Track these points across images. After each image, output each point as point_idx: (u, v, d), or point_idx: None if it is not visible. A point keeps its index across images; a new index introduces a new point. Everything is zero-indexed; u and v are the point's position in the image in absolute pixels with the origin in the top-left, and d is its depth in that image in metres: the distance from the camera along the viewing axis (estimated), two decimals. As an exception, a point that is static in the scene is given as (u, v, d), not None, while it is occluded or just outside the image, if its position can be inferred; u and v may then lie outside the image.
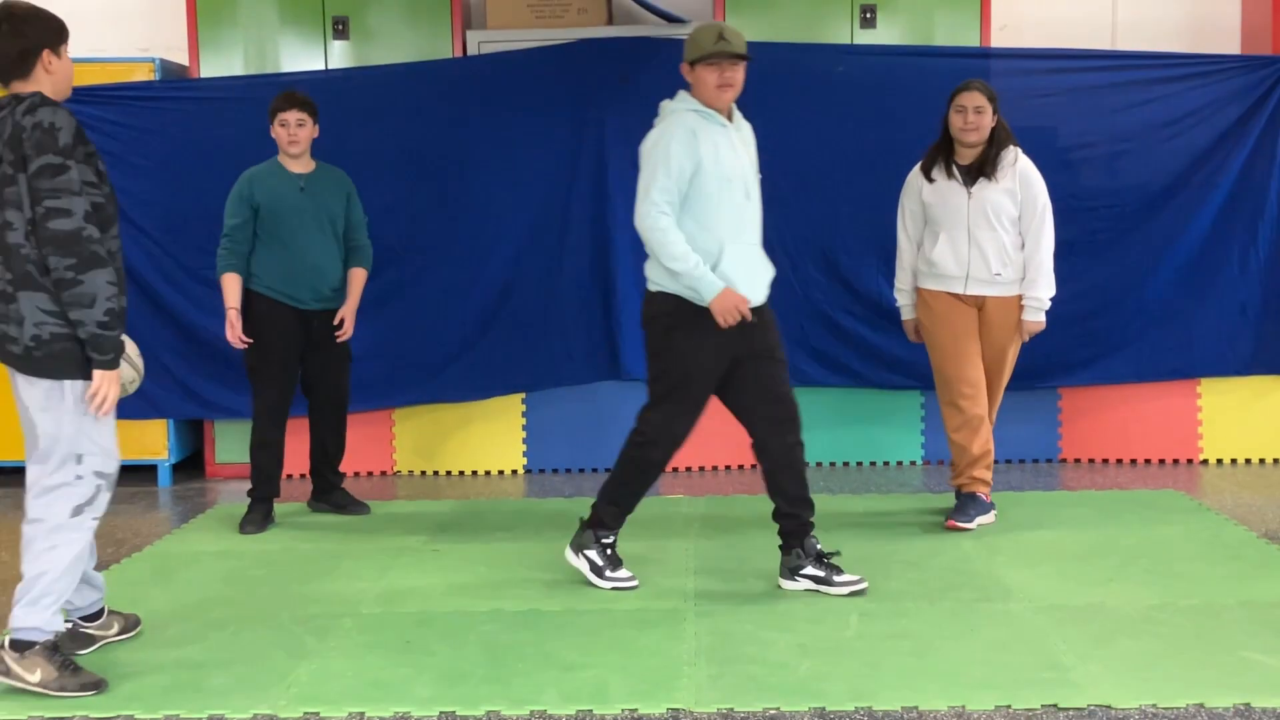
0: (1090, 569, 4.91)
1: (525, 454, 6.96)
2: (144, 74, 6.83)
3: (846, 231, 6.70)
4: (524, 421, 6.93)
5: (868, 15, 6.92)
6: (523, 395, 6.90)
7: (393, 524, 5.83)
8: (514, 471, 6.96)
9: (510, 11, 7.02)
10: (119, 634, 4.28)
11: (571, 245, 6.71)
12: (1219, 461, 6.86)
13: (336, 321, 5.79)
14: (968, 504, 5.55)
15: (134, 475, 6.95)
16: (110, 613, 4.29)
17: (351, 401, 6.30)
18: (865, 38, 6.93)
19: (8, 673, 3.84)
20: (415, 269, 6.71)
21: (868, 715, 3.58)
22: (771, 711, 3.62)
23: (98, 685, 3.87)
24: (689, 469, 6.92)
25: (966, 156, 5.45)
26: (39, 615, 3.83)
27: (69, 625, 4.13)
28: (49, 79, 3.86)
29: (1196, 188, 6.60)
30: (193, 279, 6.72)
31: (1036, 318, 5.45)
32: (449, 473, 6.96)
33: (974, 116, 5.37)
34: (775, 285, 6.68)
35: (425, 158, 6.69)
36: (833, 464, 6.98)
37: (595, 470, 6.94)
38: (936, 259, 5.48)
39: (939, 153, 5.52)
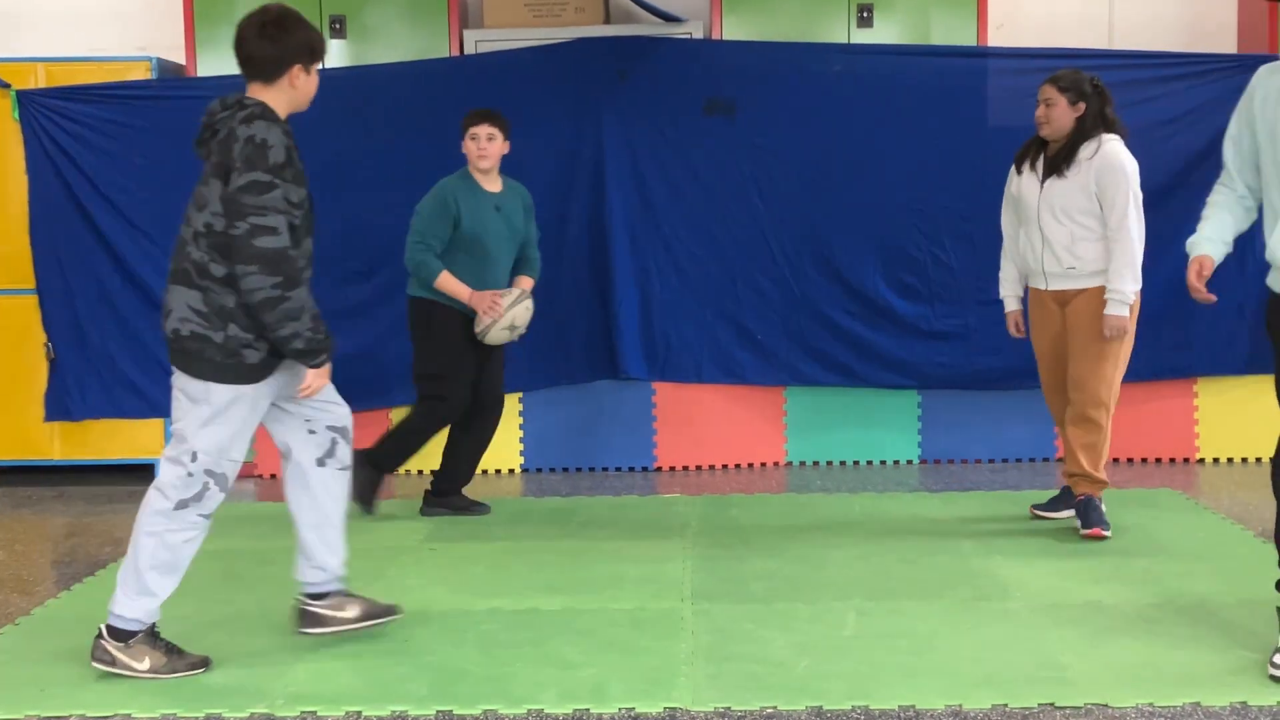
0: (1087, 568, 4.91)
1: (522, 453, 6.96)
2: (141, 73, 6.83)
3: (844, 230, 6.70)
4: (521, 420, 6.93)
5: (864, 14, 6.92)
6: (520, 394, 6.90)
7: (390, 523, 5.83)
8: (511, 470, 6.96)
9: (508, 10, 7.02)
10: (357, 620, 4.19)
11: (569, 243, 6.71)
12: (1215, 461, 6.87)
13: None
14: (1059, 496, 5.65)
15: (131, 474, 6.95)
16: (348, 595, 4.24)
17: (348, 401, 6.27)
18: (862, 37, 6.93)
19: (113, 662, 3.88)
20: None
21: (865, 714, 3.58)
22: (769, 710, 3.62)
23: (205, 663, 3.97)
24: (685, 468, 6.93)
25: (1054, 150, 5.33)
26: (139, 605, 3.88)
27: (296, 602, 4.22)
28: (290, 92, 3.93)
29: (1194, 187, 6.56)
30: (190, 278, 6.71)
31: (1115, 310, 5.18)
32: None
33: (1043, 110, 5.29)
34: (773, 285, 6.77)
35: (422, 156, 6.68)
36: (829, 463, 6.99)
37: (592, 469, 6.94)
38: (1021, 252, 5.46)
39: (1031, 144, 5.44)
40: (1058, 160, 5.28)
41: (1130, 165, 5.23)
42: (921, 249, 6.70)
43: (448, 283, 5.62)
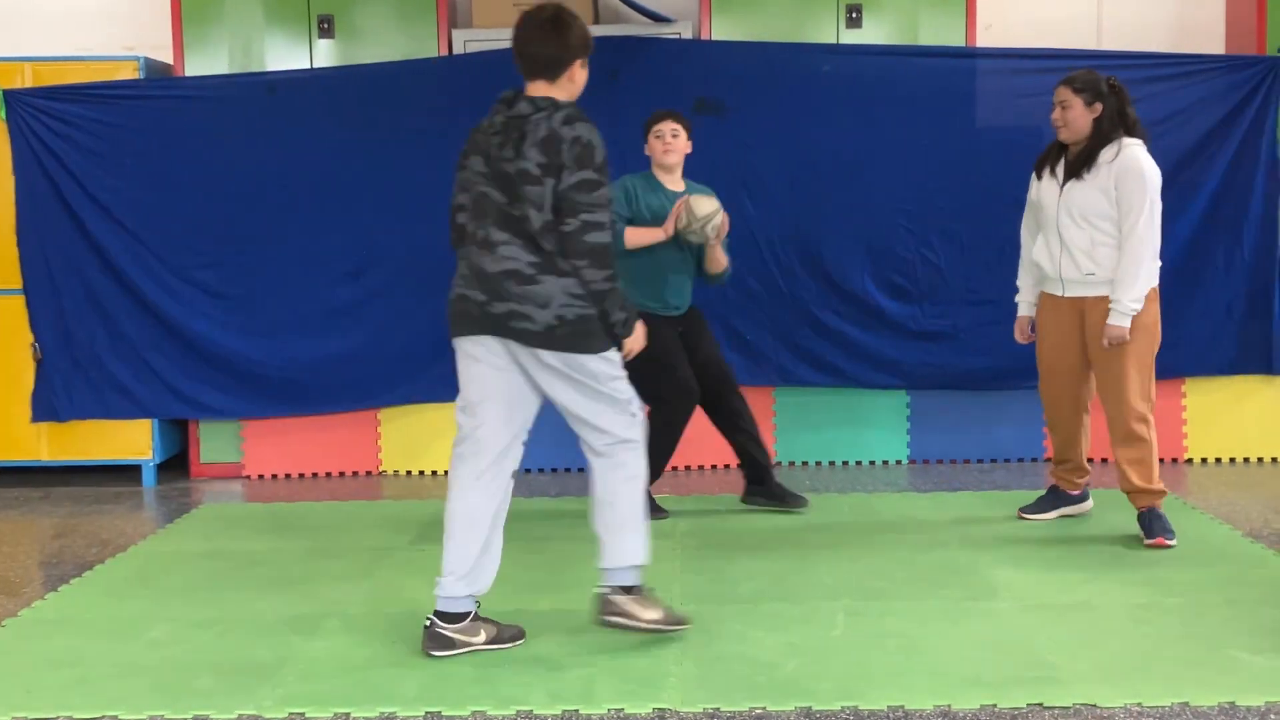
0: (1076, 568, 4.91)
1: (511, 453, 6.94)
2: (128, 72, 6.81)
3: (833, 231, 6.70)
4: (510, 421, 6.90)
5: (853, 15, 6.92)
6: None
7: (378, 524, 5.82)
8: (500, 471, 6.93)
9: (497, 10, 7.01)
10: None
11: (558, 244, 6.69)
12: (1204, 461, 6.88)
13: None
14: (1046, 495, 5.67)
15: (118, 475, 6.94)
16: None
17: (337, 402, 6.30)
18: (851, 37, 6.94)
19: (626, 614, 4.09)
20: (400, 268, 6.69)
21: (854, 714, 3.58)
22: (758, 711, 3.61)
23: (685, 620, 4.19)
24: (675, 469, 6.92)
25: (1072, 152, 5.22)
26: (641, 549, 4.12)
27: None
28: (569, 87, 4.12)
29: (1181, 188, 6.61)
30: (178, 277, 6.71)
31: (1116, 320, 5.09)
32: (435, 472, 6.95)
33: (1059, 113, 5.19)
34: (762, 285, 6.76)
35: (410, 156, 6.67)
36: (818, 463, 6.99)
37: (582, 470, 6.92)
38: (1036, 259, 5.35)
39: (1052, 149, 5.33)
40: (1078, 163, 5.17)
41: (1151, 172, 5.09)
42: (910, 249, 6.71)
43: (635, 236, 5.53)
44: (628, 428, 4.15)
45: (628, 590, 4.13)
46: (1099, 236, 5.14)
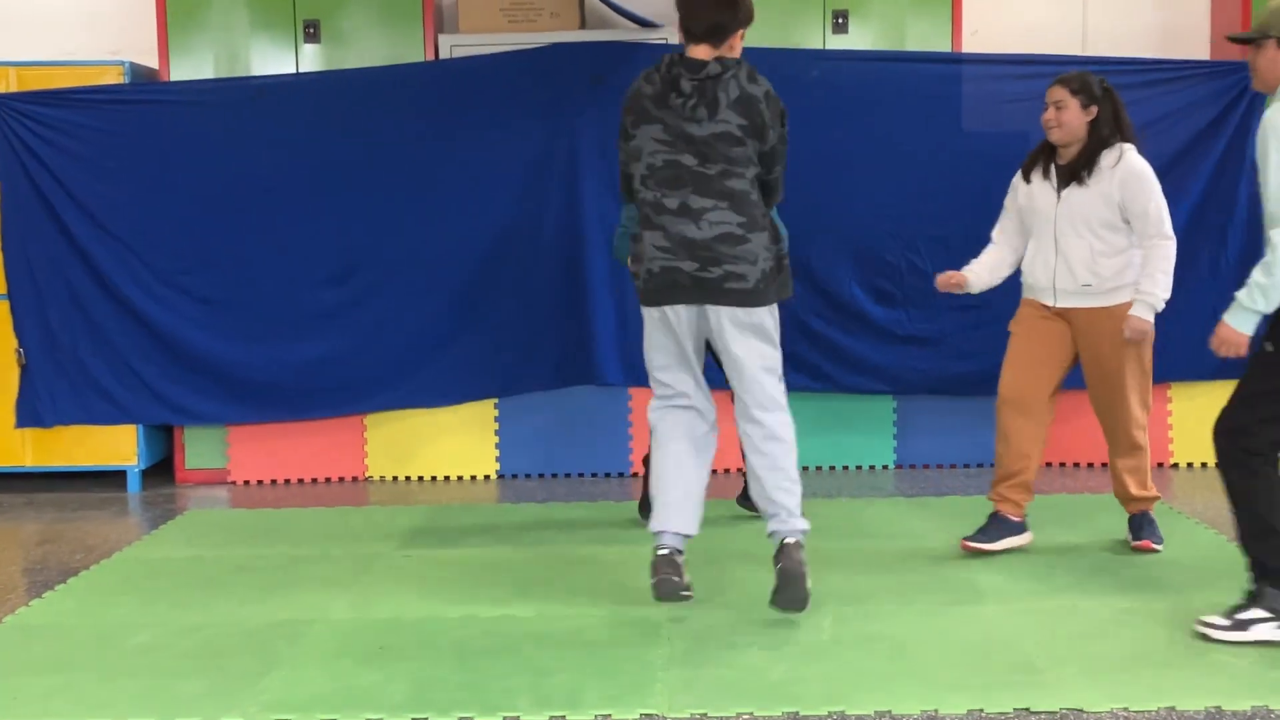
0: (1062, 572, 4.92)
1: (498, 459, 6.94)
2: (114, 77, 6.79)
3: (820, 236, 6.69)
4: (497, 426, 6.91)
5: (840, 20, 6.93)
6: (495, 400, 6.88)
7: (364, 530, 5.81)
8: (486, 477, 6.94)
9: (482, 15, 7.01)
10: None
11: (544, 249, 6.70)
12: (1189, 465, 6.89)
13: None
14: (990, 524, 5.20)
15: (103, 481, 6.91)
16: None
17: (323, 407, 6.28)
18: (837, 43, 6.94)
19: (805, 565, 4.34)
20: (386, 273, 6.68)
21: (841, 719, 3.58)
22: (745, 716, 3.61)
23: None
24: (662, 474, 6.91)
25: (1065, 156, 5.06)
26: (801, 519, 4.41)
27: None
28: (728, 53, 4.39)
29: (1167, 193, 6.58)
30: (163, 282, 6.68)
31: (1142, 312, 4.97)
32: (421, 478, 6.94)
33: (1053, 113, 5.02)
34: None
35: (396, 161, 6.67)
36: (805, 468, 6.98)
37: (568, 475, 6.93)
38: (1026, 267, 5.19)
39: (1040, 152, 5.16)
40: (1076, 168, 5.03)
41: (1152, 174, 5.05)
42: (897, 254, 6.71)
43: None
44: (782, 392, 4.45)
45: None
46: (1099, 246, 5.02)
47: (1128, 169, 5.01)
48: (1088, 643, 4.13)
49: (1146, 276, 5.00)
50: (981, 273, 5.31)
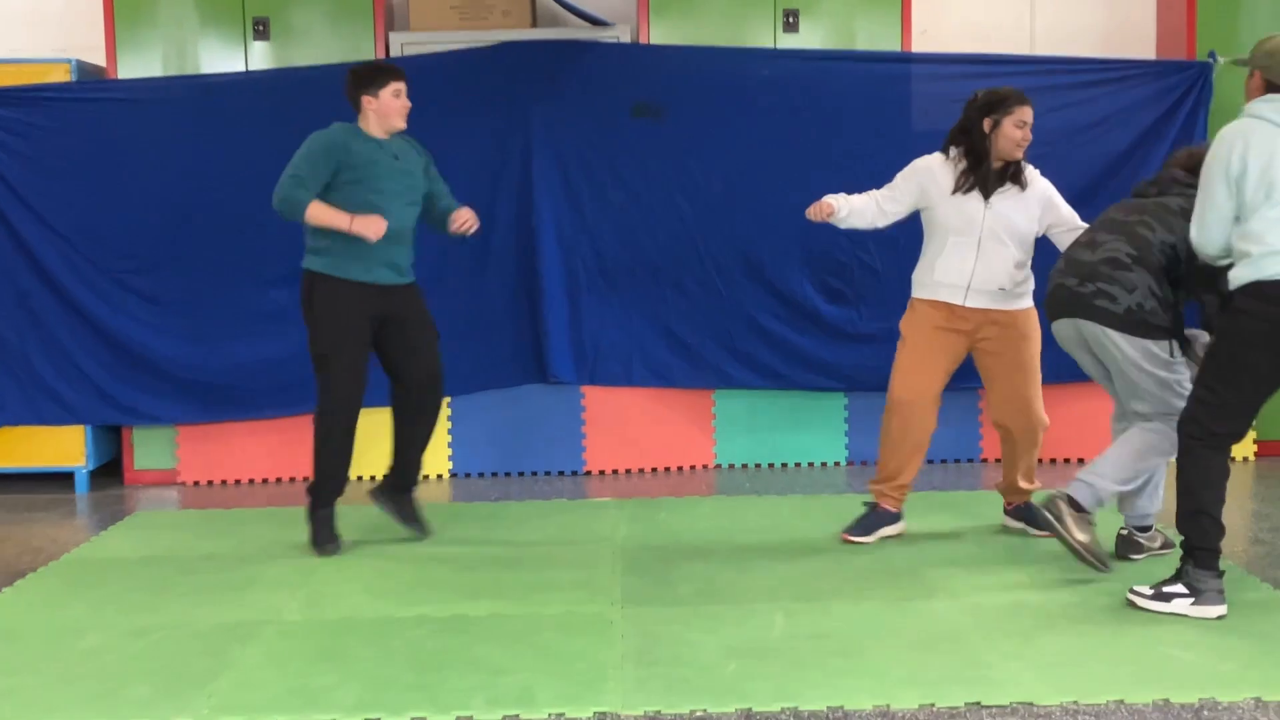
0: (1011, 567, 4.96)
1: (451, 458, 6.92)
2: (61, 75, 6.72)
3: (771, 235, 6.73)
4: (449, 425, 6.89)
5: (790, 20, 6.96)
6: (448, 399, 6.86)
7: (316, 530, 5.78)
8: (439, 476, 6.92)
9: (434, 13, 6.99)
10: (1160, 548, 5.08)
11: (496, 247, 6.69)
12: (1137, 461, 6.95)
13: None
14: (869, 517, 5.41)
15: (51, 482, 6.85)
16: (1155, 530, 5.11)
17: (272, 406, 6.23)
18: (788, 42, 6.97)
19: (1062, 522, 4.69)
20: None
21: (794, 715, 3.60)
22: (699, 713, 3.62)
23: (1105, 564, 4.77)
24: (615, 472, 6.92)
25: (995, 166, 5.22)
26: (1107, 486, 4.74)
27: (1124, 531, 5.11)
28: None
29: (1112, 192, 6.67)
30: (111, 282, 6.63)
31: None
32: (373, 477, 6.89)
33: (1029, 133, 5.20)
34: (702, 289, 6.78)
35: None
36: (758, 465, 7.01)
37: (521, 474, 6.92)
38: (937, 266, 5.26)
39: (968, 159, 5.22)
40: (1004, 179, 5.21)
41: None
42: (847, 253, 6.74)
43: (321, 213, 5.24)
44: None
45: (1076, 507, 4.69)
46: (1019, 255, 5.24)
47: (1044, 183, 5.34)
48: (1037, 637, 4.17)
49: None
50: (851, 211, 5.31)
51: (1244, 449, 6.99)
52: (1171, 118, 6.69)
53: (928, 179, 5.28)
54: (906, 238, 6.51)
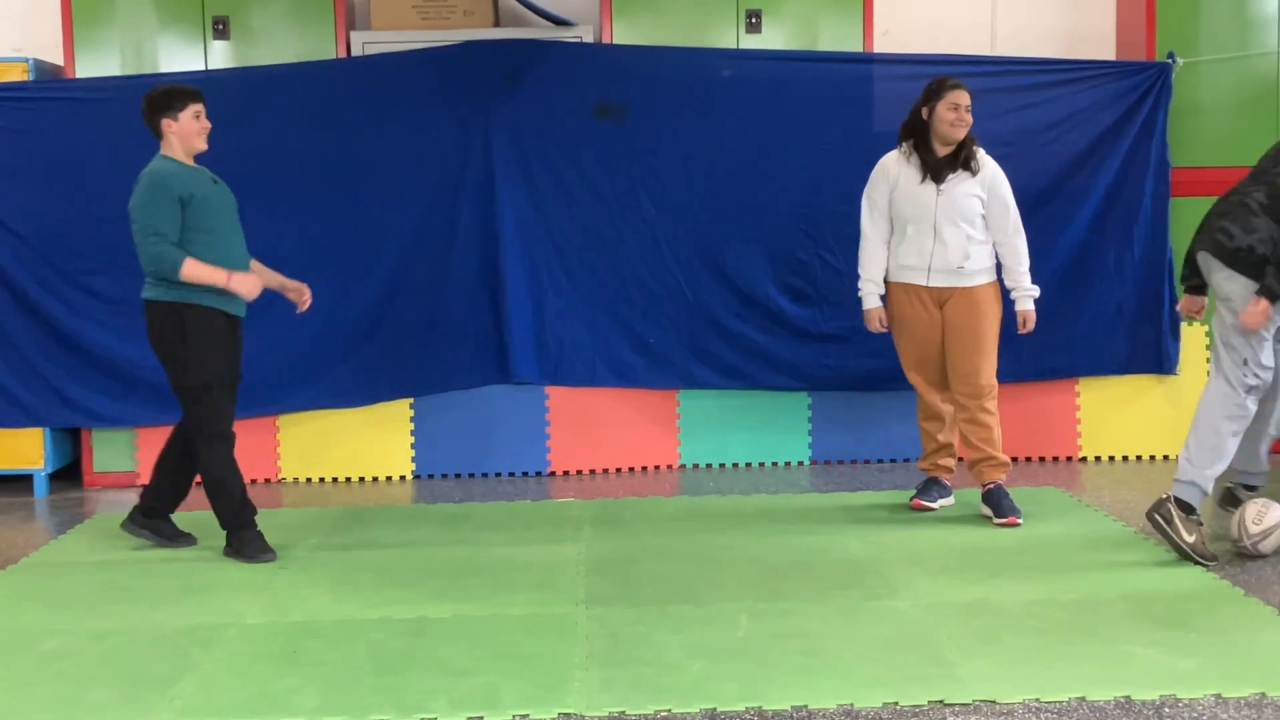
0: (974, 566, 4.98)
1: (414, 459, 6.90)
2: (18, 74, 6.66)
3: (734, 234, 6.74)
4: (412, 427, 6.86)
5: (753, 20, 6.97)
6: (410, 400, 6.84)
7: (278, 532, 5.73)
8: (402, 477, 6.90)
9: (395, 12, 6.96)
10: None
11: (459, 248, 6.67)
12: (1097, 459, 7.01)
13: None
14: (930, 486, 5.91)
15: (9, 485, 6.79)
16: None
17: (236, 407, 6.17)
18: (751, 42, 6.98)
19: (1172, 524, 4.87)
20: (299, 273, 6.57)
21: (759, 714, 3.60)
22: (663, 714, 3.62)
23: (1213, 558, 4.87)
24: (579, 472, 6.92)
25: (940, 152, 5.59)
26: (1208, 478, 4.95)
27: (1229, 486, 5.45)
28: None
29: (1073, 191, 6.75)
30: (69, 284, 6.58)
31: (1028, 306, 5.68)
32: (335, 479, 6.88)
33: (965, 114, 5.53)
34: (665, 289, 6.78)
35: (309, 159, 6.61)
36: (722, 465, 7.02)
37: (485, 475, 6.90)
38: (902, 252, 5.65)
39: (912, 147, 5.65)
40: (954, 164, 5.57)
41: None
42: (809, 252, 6.76)
43: (198, 270, 5.14)
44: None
45: (1185, 509, 4.90)
46: (973, 234, 5.58)
47: (995, 170, 5.62)
48: (1000, 635, 4.19)
49: (1022, 273, 5.65)
50: (879, 270, 5.79)
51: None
52: (1132, 118, 6.74)
53: (883, 178, 5.71)
54: (869, 238, 6.54)
